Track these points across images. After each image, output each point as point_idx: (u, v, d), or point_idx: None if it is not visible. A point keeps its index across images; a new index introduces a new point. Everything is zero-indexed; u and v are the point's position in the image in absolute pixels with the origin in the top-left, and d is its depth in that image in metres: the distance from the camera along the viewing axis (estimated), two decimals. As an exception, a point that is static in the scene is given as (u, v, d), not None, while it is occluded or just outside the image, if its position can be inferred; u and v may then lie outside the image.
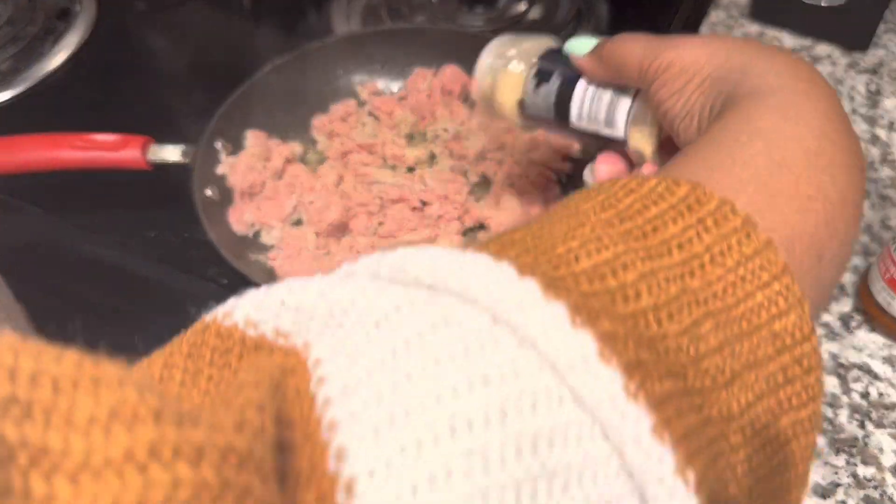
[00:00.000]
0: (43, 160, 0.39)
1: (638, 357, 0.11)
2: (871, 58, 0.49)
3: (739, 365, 0.12)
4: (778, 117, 0.16)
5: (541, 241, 0.13)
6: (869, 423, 0.34)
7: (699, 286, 0.13)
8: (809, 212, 0.15)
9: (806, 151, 0.15)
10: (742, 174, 0.15)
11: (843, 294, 0.38)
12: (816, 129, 0.16)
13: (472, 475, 0.10)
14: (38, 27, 0.51)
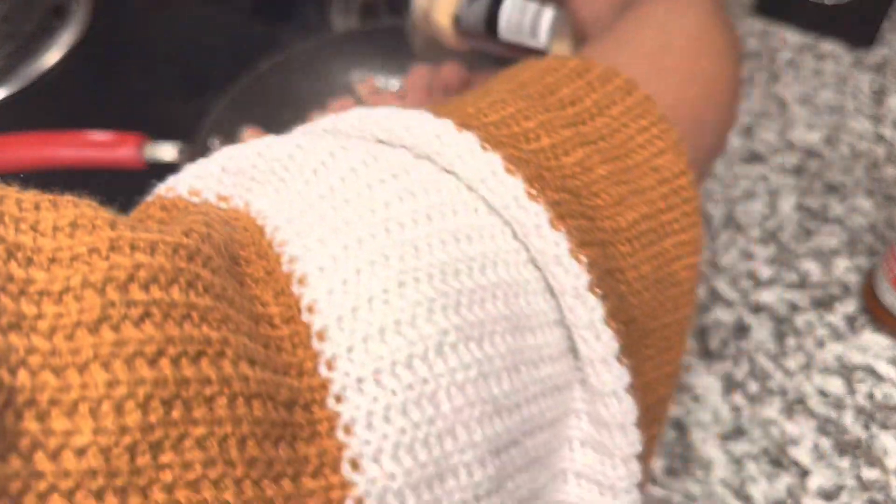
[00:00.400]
0: (37, 158, 0.39)
1: (539, 173, 0.13)
2: (876, 55, 0.49)
3: (626, 190, 0.15)
4: (667, 10, 0.19)
5: (456, 107, 0.15)
6: (874, 424, 0.33)
7: (589, 130, 0.15)
8: (690, 83, 0.17)
9: (688, 37, 0.18)
10: (635, 52, 0.18)
11: (848, 294, 0.38)
12: (699, 20, 0.19)
13: (405, 259, 0.11)
14: (33, 25, 0.50)
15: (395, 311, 0.11)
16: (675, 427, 0.33)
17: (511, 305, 0.12)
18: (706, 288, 0.38)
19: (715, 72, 0.18)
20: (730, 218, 0.41)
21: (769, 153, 0.44)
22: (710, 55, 0.18)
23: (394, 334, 0.11)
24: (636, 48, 0.18)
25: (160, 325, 0.09)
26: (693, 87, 0.17)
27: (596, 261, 0.13)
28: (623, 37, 0.18)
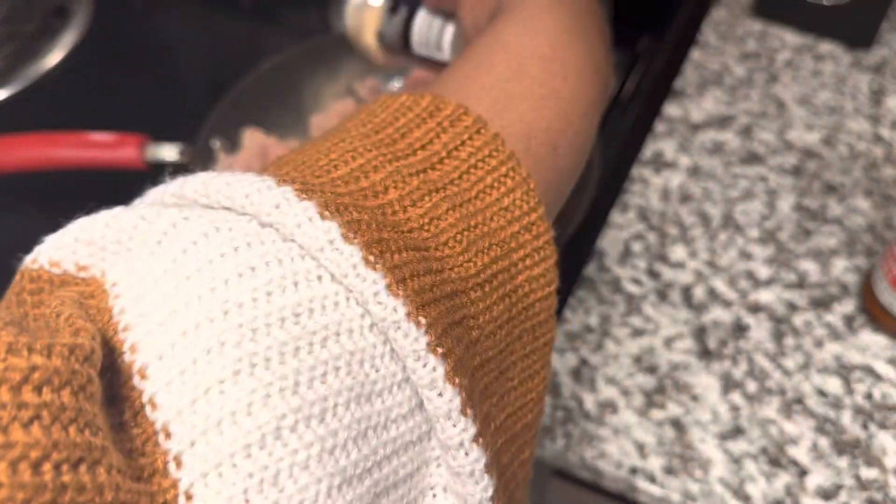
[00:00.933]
0: (39, 159, 0.39)
1: (380, 236, 0.13)
2: (875, 56, 0.49)
3: (475, 235, 0.15)
4: (519, 29, 0.19)
5: (308, 157, 0.15)
6: (872, 424, 0.33)
7: (438, 176, 0.15)
8: (543, 109, 0.17)
9: (541, 58, 0.18)
10: (485, 81, 0.17)
11: (847, 294, 0.38)
12: (552, 38, 0.18)
13: (242, 344, 0.11)
14: (34, 25, 0.50)
15: (232, 402, 0.11)
16: (673, 426, 0.34)
17: (355, 374, 0.12)
18: (705, 287, 0.38)
19: (570, 92, 0.18)
20: (728, 218, 0.41)
21: (768, 153, 0.44)
22: (565, 75, 0.18)
23: (230, 425, 0.11)
24: (486, 76, 0.17)
25: (48, 428, 0.09)
26: (546, 113, 0.17)
27: (439, 317, 0.13)
28: (475, 63, 0.18)
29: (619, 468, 0.32)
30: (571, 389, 0.35)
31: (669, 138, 0.45)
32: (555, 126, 0.17)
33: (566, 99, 0.18)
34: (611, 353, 0.36)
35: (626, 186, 0.42)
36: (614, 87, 0.46)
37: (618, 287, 0.38)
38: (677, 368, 0.35)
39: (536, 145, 0.17)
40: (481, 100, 0.17)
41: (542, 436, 0.33)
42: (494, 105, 0.17)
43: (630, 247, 0.40)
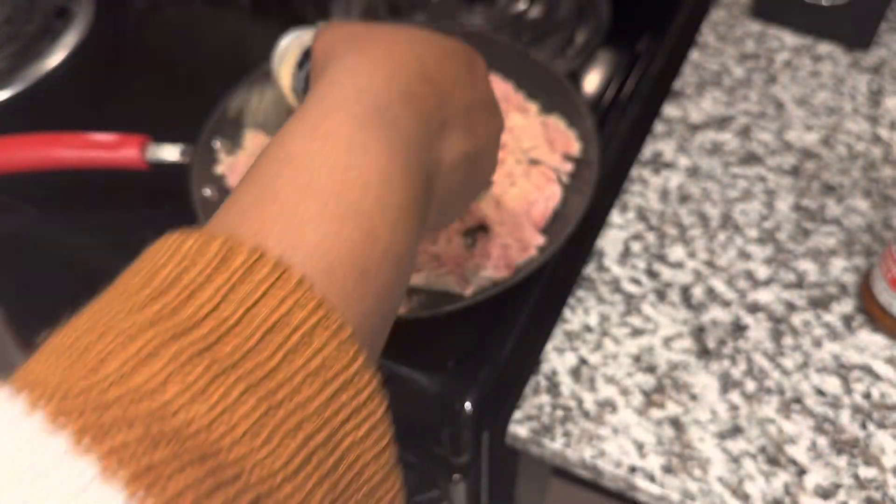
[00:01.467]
0: (40, 159, 0.39)
1: (151, 461, 0.11)
2: (873, 57, 0.49)
3: (280, 416, 0.12)
4: (307, 137, 0.16)
5: (81, 342, 0.12)
6: (871, 423, 0.34)
7: (229, 351, 0.12)
8: (342, 231, 0.14)
9: (333, 168, 0.15)
10: (272, 209, 0.15)
11: (845, 294, 0.38)
12: (345, 141, 0.15)
13: None
14: (36, 26, 0.51)
15: None
16: (672, 426, 0.34)
17: None
18: (704, 287, 0.39)
19: (373, 203, 0.15)
20: (727, 218, 0.41)
21: (767, 154, 0.44)
22: (366, 184, 0.15)
23: None
24: (273, 201, 0.15)
25: None
26: (346, 234, 0.14)
27: None
28: (260, 186, 0.15)
29: (618, 467, 0.32)
30: (571, 389, 0.35)
31: (668, 139, 0.45)
32: (360, 247, 0.15)
33: (369, 211, 0.15)
34: (610, 352, 0.36)
35: (626, 186, 0.43)
36: (614, 87, 0.46)
37: (617, 287, 0.38)
38: (676, 368, 0.35)
39: (342, 276, 0.14)
40: (269, 234, 0.14)
41: (541, 435, 0.33)
42: (285, 238, 0.14)
43: (629, 247, 0.40)
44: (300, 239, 0.14)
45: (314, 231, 0.14)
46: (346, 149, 0.15)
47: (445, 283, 0.34)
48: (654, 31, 0.48)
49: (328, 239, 0.14)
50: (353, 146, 0.15)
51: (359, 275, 0.15)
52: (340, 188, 0.15)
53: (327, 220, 0.14)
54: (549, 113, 0.41)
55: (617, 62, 0.47)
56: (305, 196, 0.15)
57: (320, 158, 0.15)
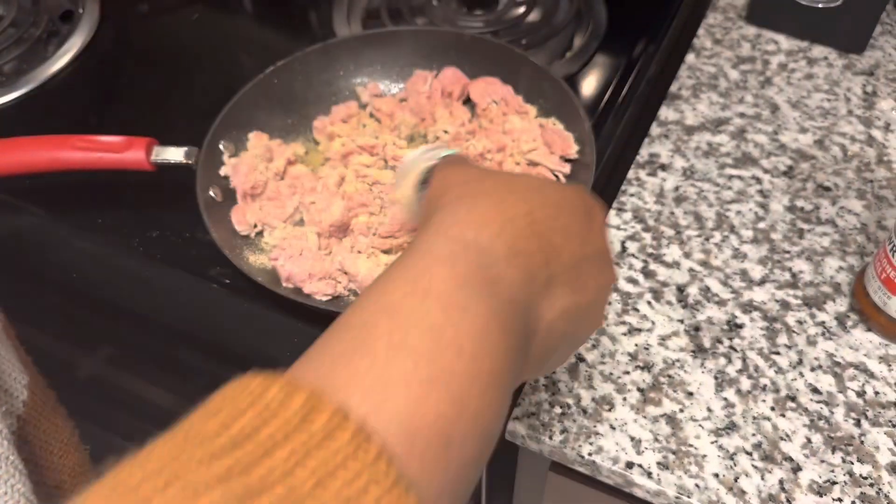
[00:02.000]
0: (47, 161, 0.40)
1: None
2: (868, 59, 0.50)
3: None
4: (407, 290, 0.15)
5: (142, 489, 0.12)
6: (865, 421, 0.34)
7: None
8: (430, 396, 0.14)
9: (430, 328, 0.14)
10: (362, 363, 0.14)
11: (839, 294, 0.39)
12: (444, 300, 0.15)
13: None
14: (41, 29, 0.51)
15: None
16: (669, 422, 0.34)
17: None
18: (699, 287, 0.39)
19: (465, 366, 0.14)
20: (722, 218, 0.42)
21: (761, 155, 0.45)
22: (460, 346, 0.14)
23: None
24: (362, 357, 0.14)
25: None
26: (434, 400, 0.14)
27: None
28: (352, 337, 0.15)
29: (615, 463, 0.33)
30: (569, 386, 0.35)
31: (665, 140, 0.46)
32: (447, 414, 0.14)
33: (460, 377, 0.14)
34: (607, 350, 0.36)
35: (623, 188, 0.43)
36: (611, 90, 0.47)
37: (614, 286, 0.39)
38: (672, 366, 0.36)
39: (424, 444, 0.13)
40: (355, 389, 0.13)
41: (540, 431, 0.34)
42: (370, 395, 0.13)
43: (626, 246, 0.41)
44: (386, 400, 0.14)
45: (402, 393, 0.14)
46: (444, 308, 0.15)
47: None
48: (650, 35, 0.49)
49: (415, 404, 0.14)
50: (451, 305, 0.15)
51: (442, 444, 0.14)
52: (433, 350, 0.14)
53: (416, 383, 0.14)
54: (548, 115, 0.42)
55: (614, 66, 0.47)
56: (398, 355, 0.14)
57: (417, 316, 0.15)
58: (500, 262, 0.17)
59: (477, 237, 0.17)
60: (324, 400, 0.13)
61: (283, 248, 0.37)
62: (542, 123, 0.41)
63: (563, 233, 0.19)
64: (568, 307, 0.19)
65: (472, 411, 0.14)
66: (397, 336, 0.14)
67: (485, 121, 0.42)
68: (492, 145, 0.40)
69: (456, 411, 0.14)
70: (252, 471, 0.12)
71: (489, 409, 0.15)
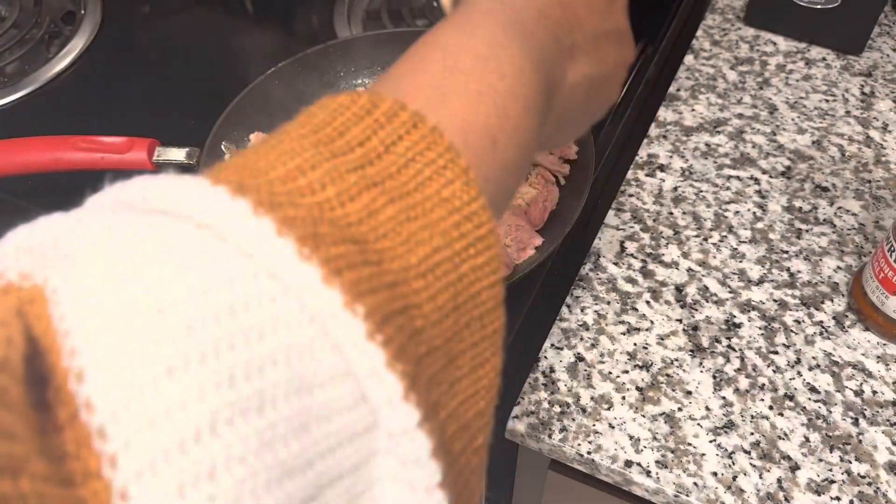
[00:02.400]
0: (48, 162, 0.40)
1: (315, 231, 0.14)
2: (866, 60, 0.50)
3: (416, 226, 0.15)
4: (455, 30, 0.19)
5: (247, 161, 0.15)
6: (863, 420, 0.34)
7: (376, 171, 0.15)
8: (480, 105, 0.18)
9: (476, 56, 0.18)
10: (421, 80, 0.18)
11: (837, 293, 0.39)
12: (489, 38, 0.19)
13: (177, 342, 0.12)
14: (43, 30, 0.51)
15: (166, 399, 0.11)
16: (667, 421, 0.34)
17: (294, 367, 0.13)
18: (698, 286, 0.39)
19: (507, 89, 0.18)
20: (721, 219, 0.42)
21: (759, 156, 0.45)
22: (501, 73, 0.18)
23: (165, 422, 0.11)
24: (421, 75, 0.18)
25: None
26: (483, 108, 0.17)
27: (378, 306, 0.13)
28: (410, 64, 0.19)
29: (614, 462, 0.33)
30: (568, 385, 0.35)
31: (663, 141, 0.46)
32: (493, 121, 0.17)
33: (503, 95, 0.18)
34: (606, 349, 0.37)
35: (621, 188, 0.43)
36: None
37: (613, 286, 0.39)
38: (671, 365, 0.36)
39: (474, 139, 0.17)
40: (416, 98, 0.17)
41: (540, 430, 0.34)
42: (429, 102, 0.17)
43: (625, 247, 0.41)
44: (442, 105, 0.17)
45: (455, 100, 0.17)
46: (488, 44, 0.19)
47: (445, 282, 0.35)
48: (649, 37, 0.49)
49: (466, 108, 0.17)
50: (494, 43, 0.19)
51: (489, 143, 0.17)
52: (481, 72, 0.18)
53: (466, 94, 0.17)
54: (547, 116, 0.42)
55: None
56: (452, 74, 0.18)
57: (466, 48, 0.18)
58: (531, 22, 0.20)
59: (513, 1, 0.20)
60: (382, 97, 0.16)
61: (284, 247, 0.37)
62: (542, 124, 0.41)
63: (587, 7, 0.22)
64: (588, 74, 0.22)
65: (513, 122, 0.18)
66: (450, 61, 0.18)
67: (484, 121, 0.42)
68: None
69: (500, 119, 0.18)
70: (336, 140, 0.15)
71: (525, 126, 0.19)
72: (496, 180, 0.18)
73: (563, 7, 0.21)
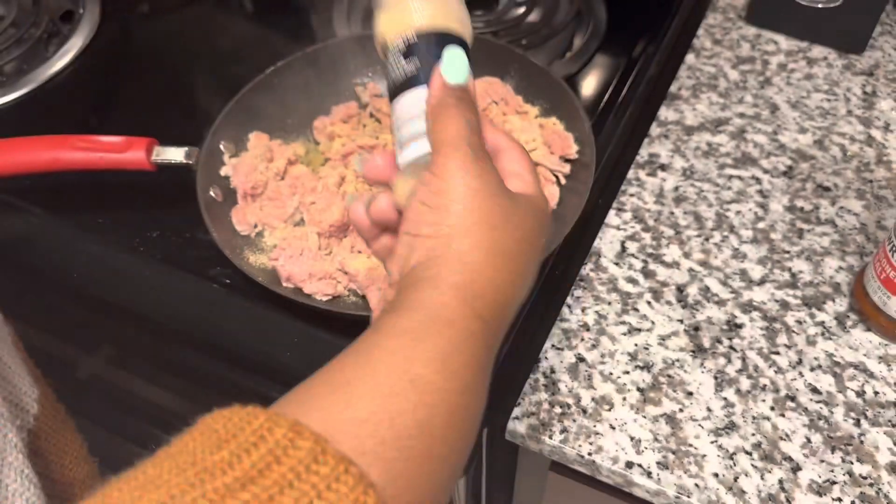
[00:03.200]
0: (47, 161, 0.40)
1: None
2: (867, 60, 0.50)
3: None
4: (438, 366, 0.16)
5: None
6: (865, 421, 0.34)
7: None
8: (434, 476, 0.15)
9: (449, 414, 0.16)
10: (385, 434, 0.15)
11: (839, 294, 0.39)
12: (462, 386, 0.17)
13: None
14: (41, 29, 0.51)
15: None
16: (668, 422, 0.34)
17: None
18: (699, 287, 0.39)
19: (455, 461, 0.16)
20: (722, 219, 0.42)
21: (761, 156, 0.45)
22: (457, 438, 0.16)
23: None
24: (388, 422, 0.15)
25: None
26: (436, 480, 0.15)
27: None
28: (372, 388, 0.16)
29: (615, 463, 0.33)
30: (569, 386, 0.35)
31: (664, 141, 0.46)
32: (439, 496, 0.16)
33: (452, 466, 0.16)
34: (607, 350, 0.37)
35: (622, 188, 0.43)
36: (611, 90, 0.47)
37: (614, 286, 0.39)
38: (672, 366, 0.36)
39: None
40: (365, 454, 0.14)
41: (540, 431, 0.34)
42: (386, 466, 0.15)
43: (626, 247, 0.41)
44: (401, 475, 0.15)
45: (416, 470, 0.15)
46: (460, 393, 0.17)
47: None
48: (650, 36, 0.49)
49: (424, 482, 0.15)
50: (467, 391, 0.17)
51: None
52: (445, 435, 0.16)
53: (428, 462, 0.15)
54: (548, 116, 0.42)
55: (614, 66, 0.48)
56: (420, 433, 0.16)
57: (443, 399, 0.16)
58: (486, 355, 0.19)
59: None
60: (328, 447, 0.14)
61: (284, 248, 0.37)
62: (542, 123, 0.41)
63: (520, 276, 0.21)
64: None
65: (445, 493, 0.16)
66: (422, 412, 0.16)
67: (485, 121, 0.42)
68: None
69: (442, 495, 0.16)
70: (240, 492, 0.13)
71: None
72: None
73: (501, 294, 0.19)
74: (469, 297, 0.18)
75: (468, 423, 0.17)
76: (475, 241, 0.19)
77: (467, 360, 0.17)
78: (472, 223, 0.19)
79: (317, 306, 0.35)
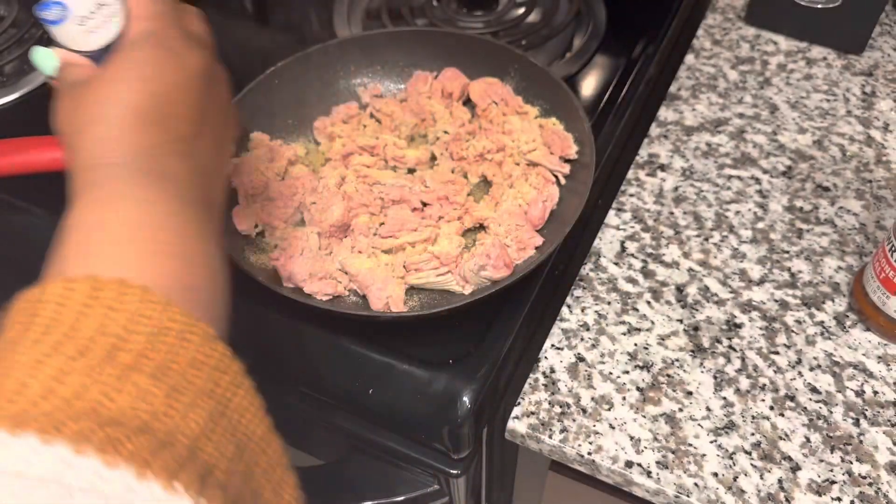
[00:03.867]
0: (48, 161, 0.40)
1: (108, 435, 0.15)
2: (867, 60, 0.50)
3: (187, 399, 0.17)
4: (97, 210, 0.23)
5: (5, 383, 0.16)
6: (864, 420, 0.34)
7: (131, 359, 0.17)
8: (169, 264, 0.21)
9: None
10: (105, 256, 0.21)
11: (838, 293, 0.39)
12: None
13: None
14: (41, 29, 0.51)
15: None
16: (668, 421, 0.34)
17: None
18: (699, 286, 0.39)
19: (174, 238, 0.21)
20: (722, 219, 0.42)
21: (760, 156, 0.45)
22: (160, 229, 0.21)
23: None
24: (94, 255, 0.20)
25: None
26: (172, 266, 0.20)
27: (191, 480, 0.15)
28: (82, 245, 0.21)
29: (614, 462, 0.33)
30: (568, 385, 0.35)
31: (664, 141, 0.46)
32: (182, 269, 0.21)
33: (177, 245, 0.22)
34: (607, 350, 0.37)
35: (622, 188, 0.43)
36: (611, 91, 0.47)
37: (614, 286, 0.39)
38: (672, 365, 0.36)
39: (180, 291, 0.20)
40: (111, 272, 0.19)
41: (540, 431, 0.34)
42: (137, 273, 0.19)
43: (625, 247, 0.41)
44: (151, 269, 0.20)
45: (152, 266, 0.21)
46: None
47: (445, 283, 0.35)
48: (649, 36, 0.49)
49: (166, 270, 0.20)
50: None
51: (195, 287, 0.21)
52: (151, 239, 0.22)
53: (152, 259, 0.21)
54: (547, 116, 0.42)
55: (613, 66, 0.48)
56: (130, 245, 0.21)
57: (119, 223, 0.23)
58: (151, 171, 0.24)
59: None
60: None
61: (284, 247, 0.37)
62: (542, 124, 0.41)
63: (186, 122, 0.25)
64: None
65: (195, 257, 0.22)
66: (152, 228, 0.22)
67: (485, 121, 0.42)
68: (492, 145, 0.40)
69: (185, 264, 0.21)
70: (124, 347, 0.17)
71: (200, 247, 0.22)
72: (212, 302, 0.21)
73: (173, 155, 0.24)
74: None
75: None
76: None
77: None
78: None
79: (317, 306, 0.35)
